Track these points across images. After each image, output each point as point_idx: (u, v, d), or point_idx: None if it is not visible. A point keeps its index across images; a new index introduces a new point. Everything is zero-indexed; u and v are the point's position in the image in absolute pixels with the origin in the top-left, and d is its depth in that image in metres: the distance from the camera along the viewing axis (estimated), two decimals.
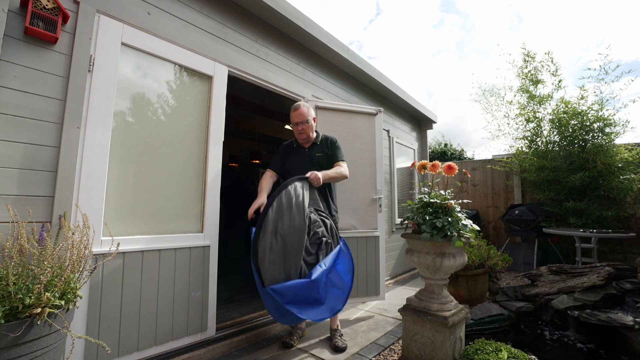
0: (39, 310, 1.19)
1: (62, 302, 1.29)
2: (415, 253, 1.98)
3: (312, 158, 2.38)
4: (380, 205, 3.21)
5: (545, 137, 5.29)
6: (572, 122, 4.81)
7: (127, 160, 1.96)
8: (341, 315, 2.97)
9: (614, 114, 4.58)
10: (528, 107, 5.35)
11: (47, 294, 1.22)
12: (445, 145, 12.81)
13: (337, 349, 2.23)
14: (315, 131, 2.48)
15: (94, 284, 1.73)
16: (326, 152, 2.40)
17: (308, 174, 2.17)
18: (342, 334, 2.41)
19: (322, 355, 2.16)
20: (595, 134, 4.73)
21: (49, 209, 1.62)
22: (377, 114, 3.33)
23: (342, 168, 2.34)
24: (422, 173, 2.34)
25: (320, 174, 2.18)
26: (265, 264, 1.89)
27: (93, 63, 1.81)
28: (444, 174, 2.01)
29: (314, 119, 2.38)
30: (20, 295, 1.18)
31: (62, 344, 1.37)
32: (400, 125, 5.20)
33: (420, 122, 5.91)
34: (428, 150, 6.01)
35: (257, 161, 6.86)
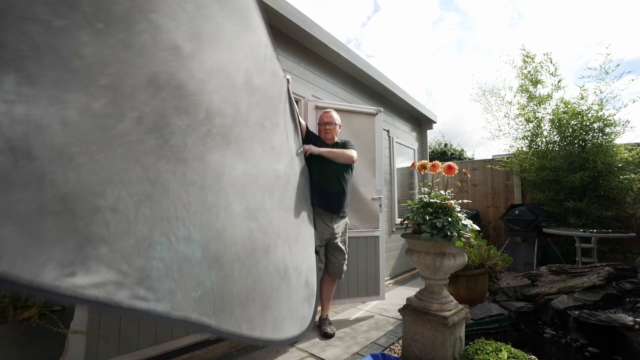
0: (36, 310, 1.19)
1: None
2: (415, 253, 1.98)
3: None
4: (380, 205, 3.21)
5: (545, 137, 5.29)
6: (572, 122, 4.81)
7: None
8: (341, 315, 2.97)
9: (614, 114, 4.59)
10: (528, 107, 5.36)
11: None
12: (445, 145, 12.81)
13: (326, 335, 2.44)
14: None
15: None
16: None
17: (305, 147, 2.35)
18: (330, 322, 2.62)
19: (322, 355, 2.16)
20: (595, 134, 4.73)
21: None
22: (377, 114, 3.33)
23: (348, 150, 2.53)
24: (422, 173, 2.35)
25: (315, 148, 2.39)
26: None
27: None
28: (444, 174, 2.01)
29: (338, 126, 2.67)
30: (9, 298, 1.18)
31: (62, 343, 1.37)
32: (400, 125, 5.21)
33: (420, 122, 5.92)
34: (428, 150, 6.02)
35: None
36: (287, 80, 2.08)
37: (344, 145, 2.62)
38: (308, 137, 2.51)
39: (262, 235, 1.69)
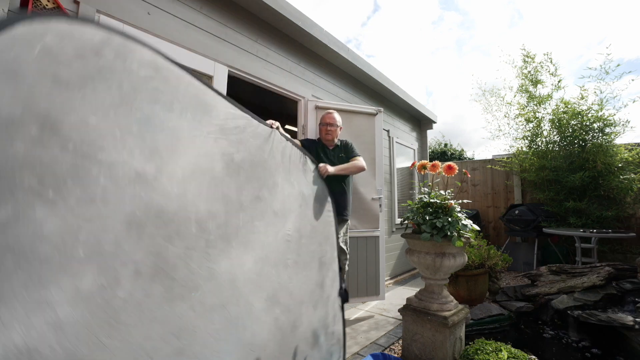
0: None
1: None
2: (415, 253, 1.98)
3: (332, 157, 2.56)
4: (380, 205, 3.21)
5: (545, 137, 5.29)
6: (572, 122, 4.81)
7: None
8: None
9: (614, 114, 4.59)
10: (528, 107, 5.36)
11: None
12: (445, 145, 12.81)
13: None
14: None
15: None
16: (344, 155, 2.60)
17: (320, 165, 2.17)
18: None
19: None
20: (595, 134, 4.73)
21: None
22: (377, 114, 3.33)
23: (357, 161, 2.51)
24: (422, 173, 2.35)
25: (331, 167, 2.19)
26: None
27: None
28: (444, 174, 2.01)
29: (340, 127, 2.65)
30: None
31: None
32: (400, 125, 5.21)
33: (420, 122, 5.92)
34: (428, 150, 6.02)
35: None
36: (277, 127, 1.91)
37: (345, 147, 2.61)
38: (306, 149, 2.50)
39: (287, 314, 1.66)
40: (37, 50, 0.94)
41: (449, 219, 1.86)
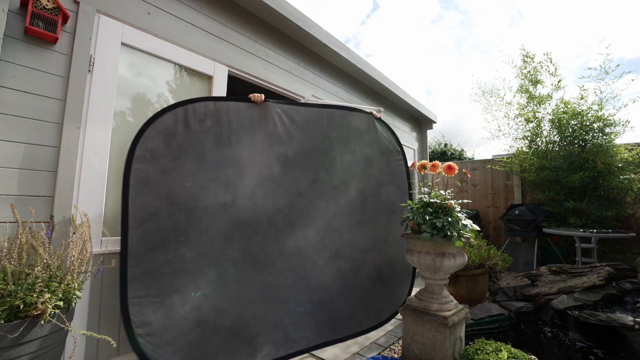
0: (40, 309, 1.19)
1: (61, 303, 1.29)
2: (415, 253, 1.98)
3: None
4: None
5: (545, 137, 5.29)
6: (572, 122, 4.81)
7: None
8: None
9: (614, 114, 4.59)
10: (528, 107, 5.35)
11: (47, 295, 1.22)
12: (445, 145, 12.81)
13: None
14: None
15: (94, 283, 1.73)
16: None
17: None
18: None
19: (322, 354, 2.16)
20: (595, 134, 4.73)
21: (49, 209, 1.62)
22: None
23: None
24: (422, 173, 2.35)
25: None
26: None
27: (93, 63, 1.81)
28: (444, 174, 2.01)
29: None
30: (22, 294, 1.18)
31: (62, 343, 1.37)
32: (400, 125, 5.20)
33: (420, 122, 5.91)
34: (428, 150, 6.01)
35: None
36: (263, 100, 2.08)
37: None
38: None
39: (349, 262, 2.18)
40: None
41: (449, 219, 1.86)
